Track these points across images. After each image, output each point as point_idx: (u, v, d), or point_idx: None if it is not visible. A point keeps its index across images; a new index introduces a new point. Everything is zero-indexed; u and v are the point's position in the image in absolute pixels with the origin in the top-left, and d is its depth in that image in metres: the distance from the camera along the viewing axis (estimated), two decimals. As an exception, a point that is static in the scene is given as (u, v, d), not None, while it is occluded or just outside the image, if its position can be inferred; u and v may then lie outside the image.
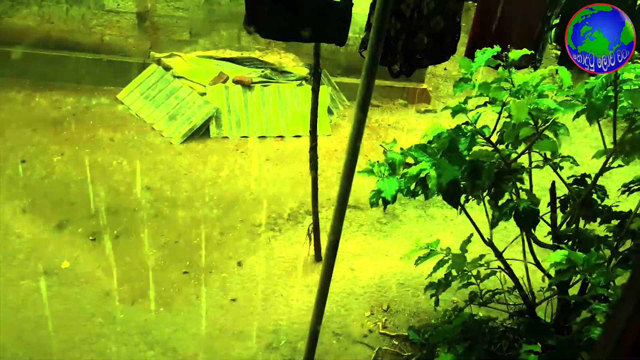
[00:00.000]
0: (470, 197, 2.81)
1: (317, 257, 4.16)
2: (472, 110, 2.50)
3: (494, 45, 2.38)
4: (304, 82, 6.27)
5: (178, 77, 6.10)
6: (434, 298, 3.01)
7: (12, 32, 6.20)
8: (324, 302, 2.47)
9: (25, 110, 5.79)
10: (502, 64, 2.34)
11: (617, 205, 2.91)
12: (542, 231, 2.92)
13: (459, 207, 2.71)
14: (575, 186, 2.91)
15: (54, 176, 4.85)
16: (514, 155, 2.63)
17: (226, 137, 5.81)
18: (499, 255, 2.88)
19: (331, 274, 2.38)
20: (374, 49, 1.89)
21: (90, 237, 4.21)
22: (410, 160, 2.62)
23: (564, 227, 2.86)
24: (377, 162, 2.66)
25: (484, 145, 2.56)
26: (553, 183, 2.92)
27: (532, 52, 2.41)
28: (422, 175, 2.38)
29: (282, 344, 3.47)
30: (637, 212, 2.58)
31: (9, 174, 4.78)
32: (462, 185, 2.65)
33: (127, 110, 6.02)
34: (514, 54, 2.33)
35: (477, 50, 2.44)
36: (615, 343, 0.74)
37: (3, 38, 6.17)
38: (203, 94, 5.95)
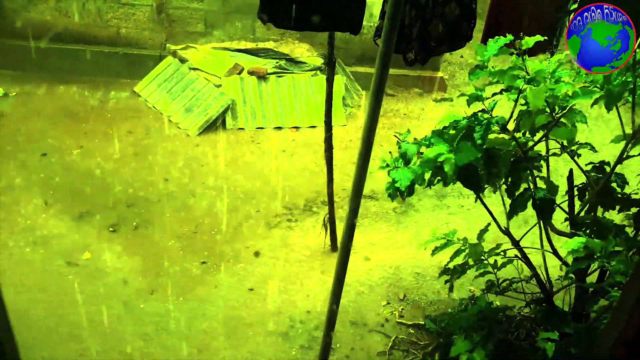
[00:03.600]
0: (486, 185, 2.79)
1: (333, 247, 4.18)
2: (489, 98, 2.48)
3: (510, 32, 2.36)
4: (318, 72, 6.25)
5: (194, 69, 6.13)
6: (448, 284, 3.01)
7: (30, 26, 6.28)
8: (342, 281, 2.45)
9: (44, 104, 5.88)
10: (515, 51, 2.32)
11: (636, 193, 2.87)
12: (560, 219, 2.89)
13: (476, 195, 2.70)
14: (593, 174, 2.87)
15: (73, 169, 4.93)
16: (530, 144, 2.61)
17: (242, 128, 5.83)
18: (515, 243, 2.87)
19: (349, 251, 2.35)
20: (388, 37, 1.88)
21: (110, 229, 4.28)
22: (424, 149, 2.61)
23: (582, 214, 2.83)
24: (390, 153, 2.65)
25: (500, 133, 2.53)
26: (571, 171, 2.89)
27: (546, 38, 2.37)
28: (440, 159, 2.35)
29: (299, 333, 3.51)
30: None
31: (30, 167, 4.87)
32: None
33: (144, 102, 6.08)
34: (527, 42, 2.30)
35: (494, 36, 2.41)
36: (625, 322, 0.74)
37: (21, 33, 6.26)
38: (219, 86, 5.98)
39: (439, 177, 2.49)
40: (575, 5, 3.17)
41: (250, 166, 5.22)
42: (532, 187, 2.64)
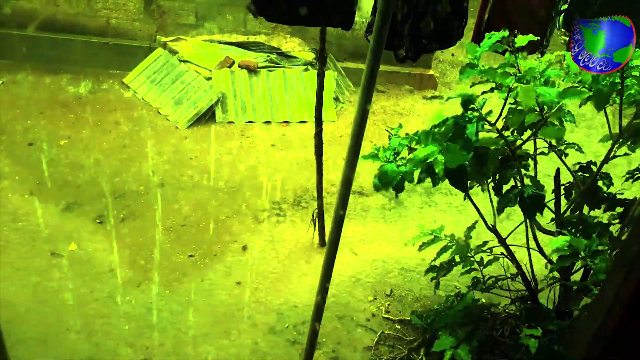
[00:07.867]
0: (474, 183, 2.81)
1: (322, 242, 4.18)
2: (479, 96, 2.49)
3: (501, 30, 2.37)
4: (309, 67, 6.24)
5: (184, 62, 6.09)
6: (434, 281, 3.03)
7: (18, 15, 6.20)
8: (331, 272, 2.44)
9: (32, 94, 5.80)
10: (509, 49, 2.33)
11: (622, 193, 2.90)
12: (546, 218, 2.92)
13: (465, 193, 2.71)
14: (580, 173, 2.90)
15: (60, 159, 4.88)
16: (519, 142, 2.63)
17: (232, 122, 5.81)
18: (502, 241, 2.89)
19: (338, 241, 2.35)
20: (380, 33, 1.88)
21: (97, 220, 4.25)
22: (415, 145, 2.62)
23: (568, 213, 2.86)
24: (382, 147, 2.66)
25: (488, 131, 2.55)
26: (558, 170, 2.92)
27: (538, 38, 2.39)
28: (429, 160, 2.36)
29: (286, 327, 3.51)
30: (642, 199, 2.57)
31: (16, 157, 4.81)
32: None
33: (133, 94, 6.03)
34: (521, 40, 2.32)
35: (485, 34, 2.42)
36: (603, 318, 0.75)
37: (9, 21, 6.17)
38: (209, 79, 5.95)
39: (428, 176, 2.51)
40: (566, 6, 3.19)
41: (240, 160, 5.21)
42: (519, 185, 2.66)
